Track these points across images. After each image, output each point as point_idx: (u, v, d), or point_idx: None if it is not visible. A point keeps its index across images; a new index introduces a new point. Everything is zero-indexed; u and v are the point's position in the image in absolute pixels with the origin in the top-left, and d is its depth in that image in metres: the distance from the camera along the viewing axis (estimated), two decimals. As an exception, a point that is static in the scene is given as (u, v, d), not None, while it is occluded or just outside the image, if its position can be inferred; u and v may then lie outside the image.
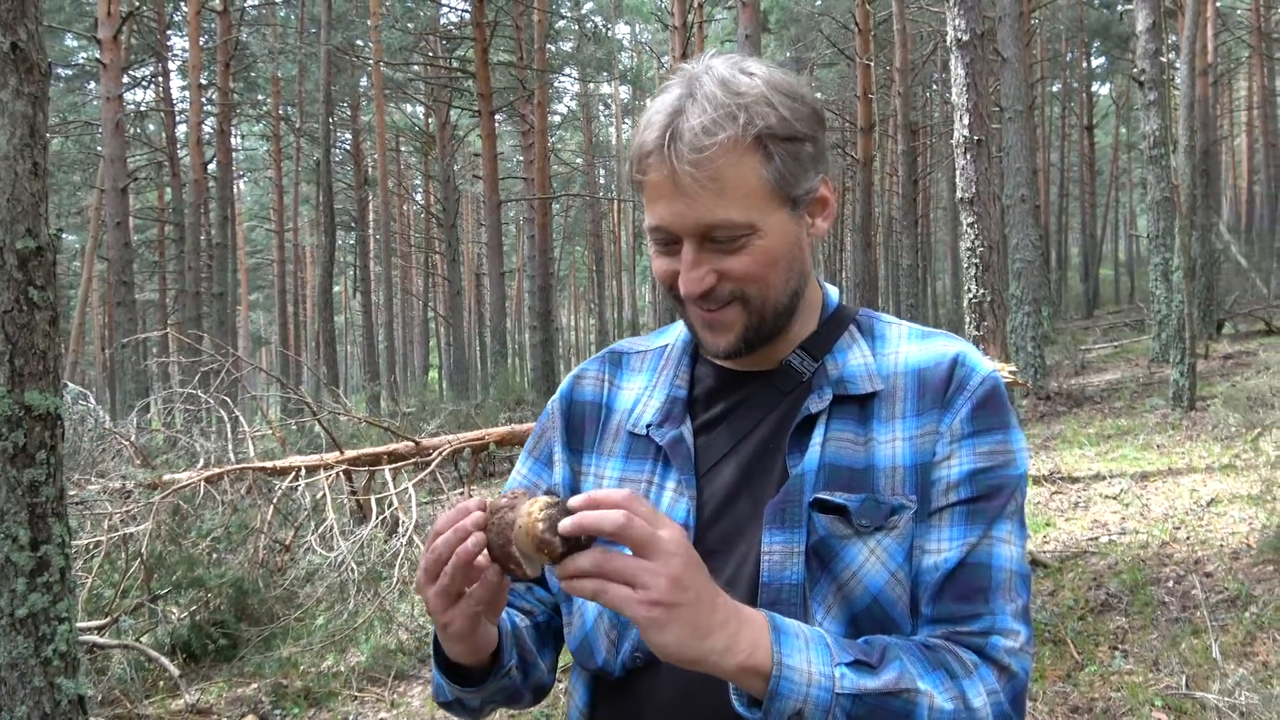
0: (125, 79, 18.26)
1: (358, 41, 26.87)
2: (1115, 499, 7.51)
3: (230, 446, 7.88)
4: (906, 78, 19.85)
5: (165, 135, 23.54)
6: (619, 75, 36.47)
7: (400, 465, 7.44)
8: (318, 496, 6.80)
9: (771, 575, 1.08)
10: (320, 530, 6.35)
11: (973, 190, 7.63)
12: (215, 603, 5.80)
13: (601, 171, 42.25)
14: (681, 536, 0.92)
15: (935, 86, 28.38)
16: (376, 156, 26.85)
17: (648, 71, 36.26)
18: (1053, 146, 35.73)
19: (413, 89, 27.12)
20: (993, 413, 1.11)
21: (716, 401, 1.20)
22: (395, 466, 7.31)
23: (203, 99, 19.56)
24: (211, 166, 19.69)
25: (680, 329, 1.27)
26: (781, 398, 1.17)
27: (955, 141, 7.76)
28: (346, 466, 7.20)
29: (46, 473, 2.68)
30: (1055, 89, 36.39)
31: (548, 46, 24.43)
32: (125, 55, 17.40)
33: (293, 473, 7.03)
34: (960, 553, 1.07)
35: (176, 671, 4.89)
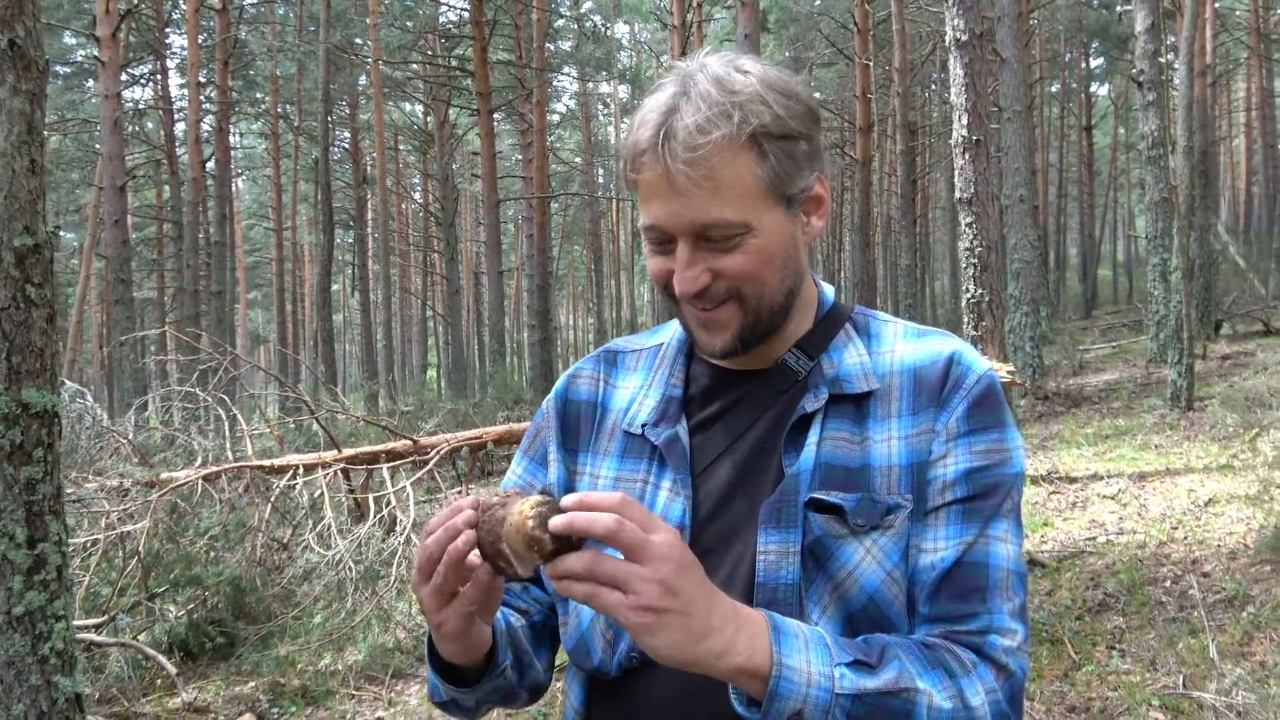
0: (124, 77, 18.26)
1: (356, 40, 26.86)
2: (1113, 499, 7.51)
3: (228, 445, 7.88)
4: (905, 78, 19.84)
5: (163, 133, 23.54)
6: (618, 74, 36.47)
7: (398, 464, 7.44)
8: (315, 495, 6.80)
9: (767, 575, 1.07)
10: (318, 529, 6.35)
11: (971, 190, 7.63)
12: (213, 601, 5.79)
13: (600, 171, 42.24)
14: (675, 540, 0.92)
15: (934, 86, 28.38)
16: (375, 155, 26.84)
17: (647, 71, 36.22)
18: (1051, 147, 35.73)
19: (411, 87, 27.11)
20: (989, 411, 1.11)
21: (712, 400, 1.19)
22: (393, 465, 7.31)
23: (201, 97, 19.54)
24: (210, 164, 19.67)
25: (675, 327, 1.26)
26: (777, 397, 1.16)
27: (954, 141, 7.76)
28: (344, 465, 7.20)
29: (43, 470, 2.67)
30: (1054, 89, 36.41)
31: (547, 45, 24.42)
32: (124, 53, 17.39)
33: (290, 471, 7.03)
34: (957, 552, 1.07)
35: (174, 670, 4.88)
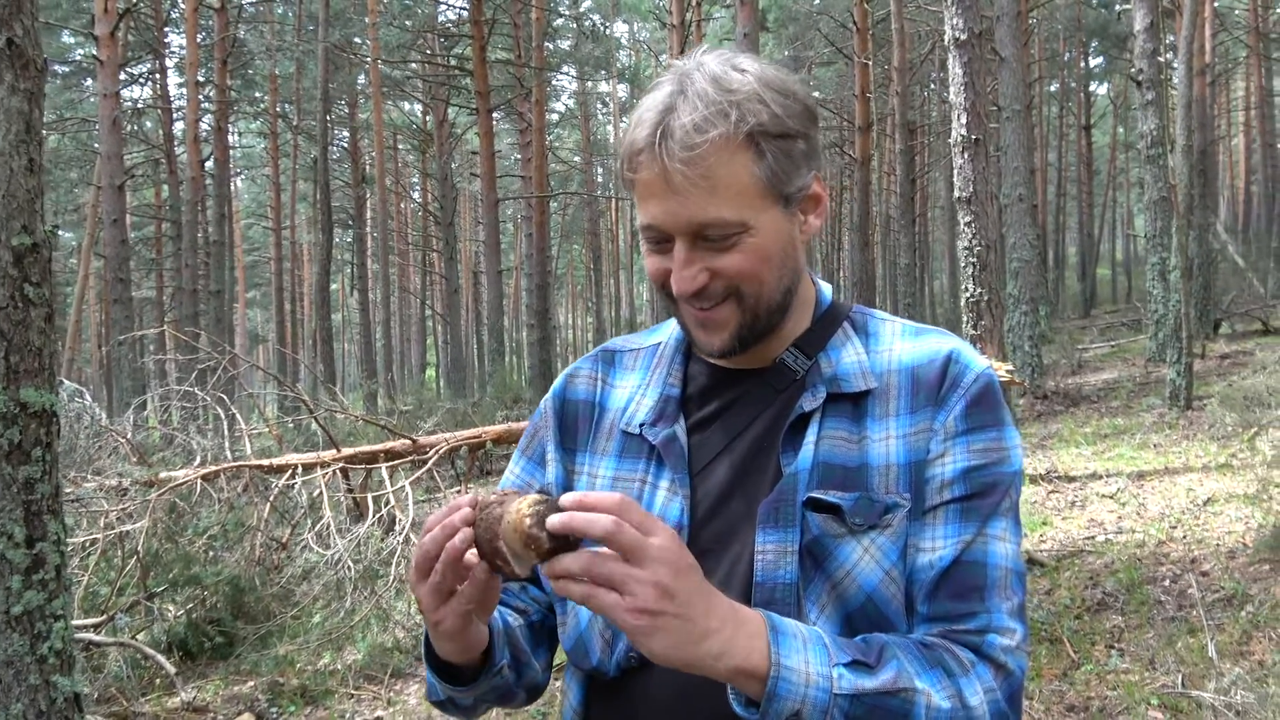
0: (122, 76, 18.25)
1: (355, 39, 26.86)
2: (1112, 498, 7.51)
3: (227, 444, 7.88)
4: (904, 77, 19.83)
5: (162, 132, 23.52)
6: (617, 73, 36.44)
7: (397, 463, 7.43)
8: (314, 494, 6.80)
9: (765, 575, 1.07)
10: (317, 528, 6.35)
11: (970, 189, 7.63)
12: (212, 600, 5.79)
13: (599, 170, 42.22)
14: (673, 543, 0.91)
15: (933, 85, 28.37)
16: (374, 154, 26.82)
17: (646, 70, 36.18)
18: (1050, 146, 35.71)
19: (410, 87, 27.10)
20: (987, 410, 1.11)
21: (710, 400, 1.19)
22: (392, 464, 7.31)
23: (200, 96, 19.53)
24: (209, 164, 19.65)
25: (673, 326, 1.26)
26: (775, 396, 1.16)
27: (953, 141, 7.75)
28: (343, 464, 7.20)
29: (42, 470, 2.67)
30: (1053, 88, 36.40)
31: (546, 44, 24.42)
32: (122, 52, 17.38)
33: (289, 470, 7.03)
34: (955, 550, 1.06)
35: (173, 669, 4.88)
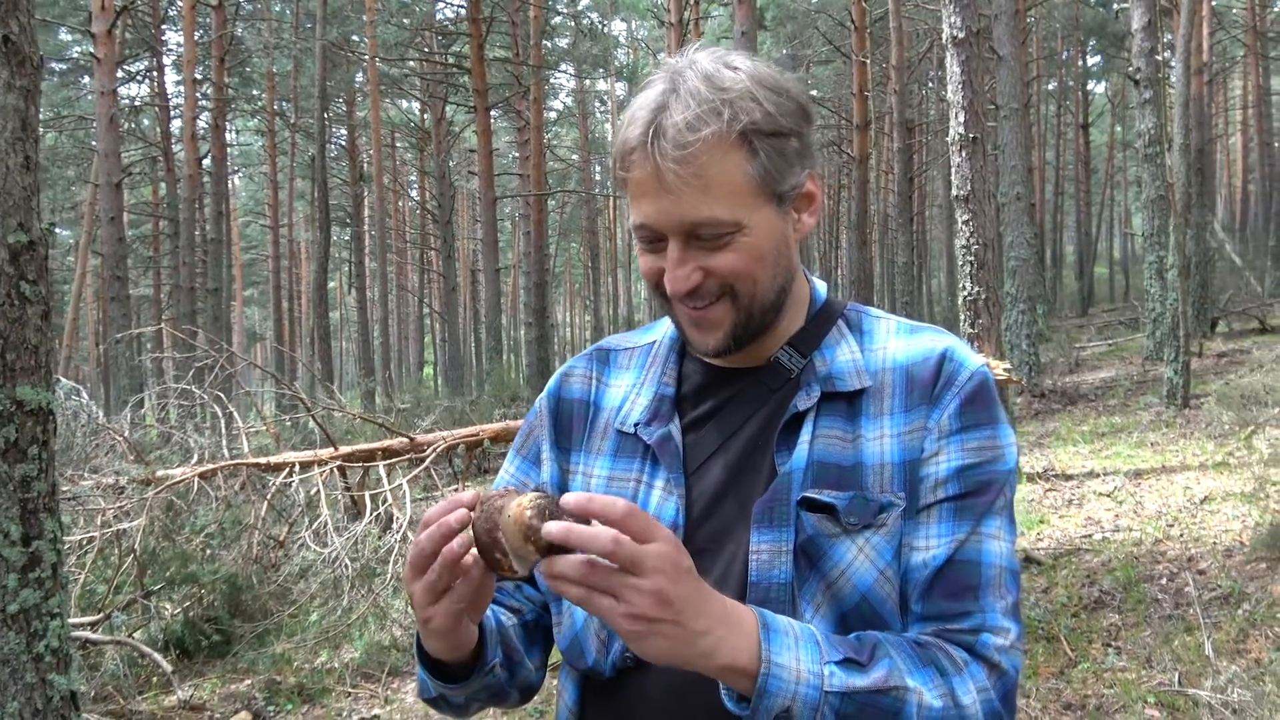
0: (120, 74, 18.21)
1: (353, 37, 26.82)
2: (1109, 496, 7.52)
3: (224, 442, 7.86)
4: (902, 75, 19.84)
5: (160, 130, 23.49)
6: (615, 72, 36.40)
7: (395, 461, 7.42)
8: (312, 492, 6.79)
9: (760, 575, 1.07)
10: (314, 526, 6.35)
11: (968, 188, 7.63)
12: (209, 599, 5.79)
13: (597, 168, 42.16)
14: (670, 550, 0.90)
15: (931, 84, 28.37)
16: (372, 152, 26.81)
17: (644, 68, 36.16)
18: (1048, 144, 35.72)
19: (408, 84, 27.07)
20: (981, 408, 1.10)
21: (704, 399, 1.19)
22: (390, 463, 7.30)
23: (197, 94, 19.51)
24: (206, 162, 19.62)
25: (667, 325, 1.25)
26: (770, 395, 1.16)
27: (951, 139, 7.75)
28: (341, 463, 7.19)
29: (38, 468, 2.67)
30: (1051, 87, 36.38)
31: (544, 42, 24.40)
32: (119, 50, 17.34)
33: (287, 469, 7.02)
34: (949, 549, 1.06)
35: (170, 668, 4.88)
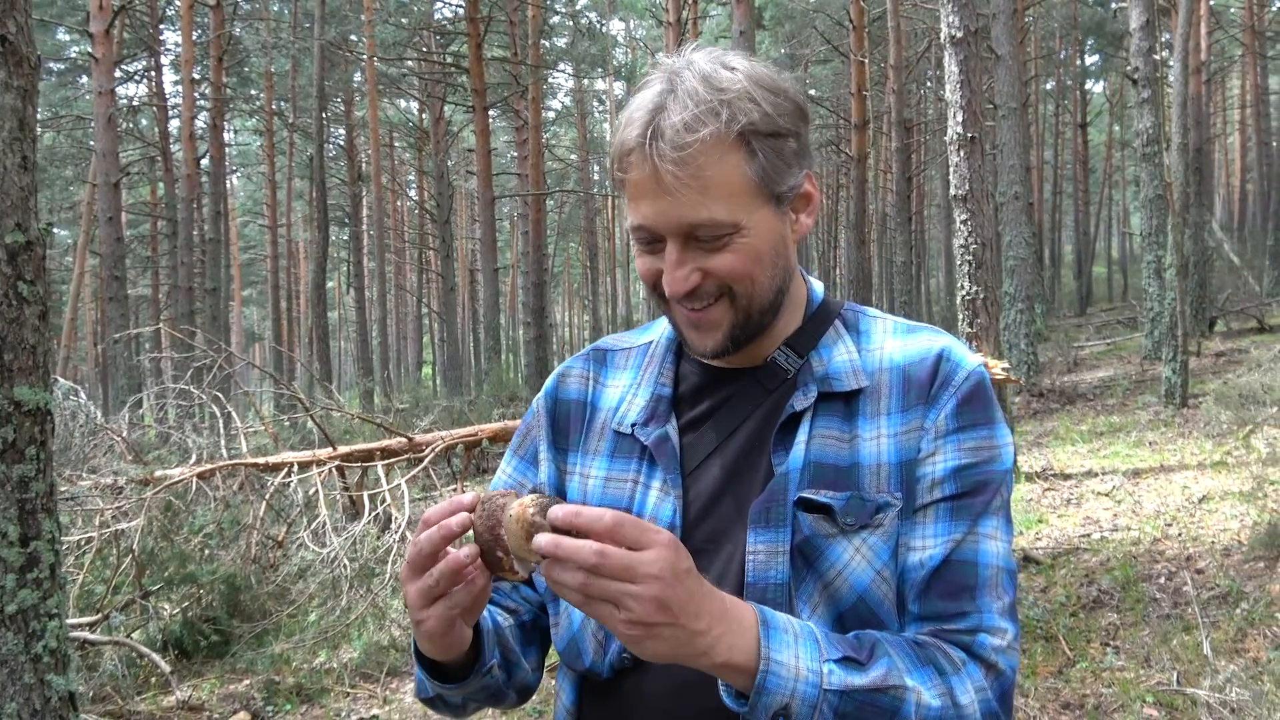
0: (117, 73, 18.18)
1: (351, 36, 26.79)
2: (1107, 496, 7.53)
3: (223, 442, 7.86)
4: (901, 74, 19.83)
5: (158, 130, 23.48)
6: (613, 71, 36.39)
7: (393, 461, 7.42)
8: (310, 493, 6.79)
9: (756, 575, 1.07)
10: (313, 526, 6.35)
11: (966, 187, 7.62)
12: (207, 599, 5.79)
13: (595, 168, 42.14)
14: (666, 555, 0.90)
15: (929, 83, 28.35)
16: (370, 152, 26.80)
17: (642, 68, 36.12)
18: (1046, 144, 35.73)
19: (406, 84, 27.06)
20: (978, 408, 1.10)
21: (701, 399, 1.19)
22: (388, 463, 7.30)
23: (196, 94, 19.49)
24: (204, 161, 19.62)
25: (664, 325, 1.25)
26: (766, 395, 1.16)
27: (949, 139, 7.75)
28: (339, 463, 7.19)
29: (36, 468, 2.66)
30: (1049, 86, 36.36)
31: (542, 42, 24.39)
32: (117, 49, 17.31)
33: (285, 469, 7.02)
34: (945, 549, 1.06)
35: (168, 668, 4.88)
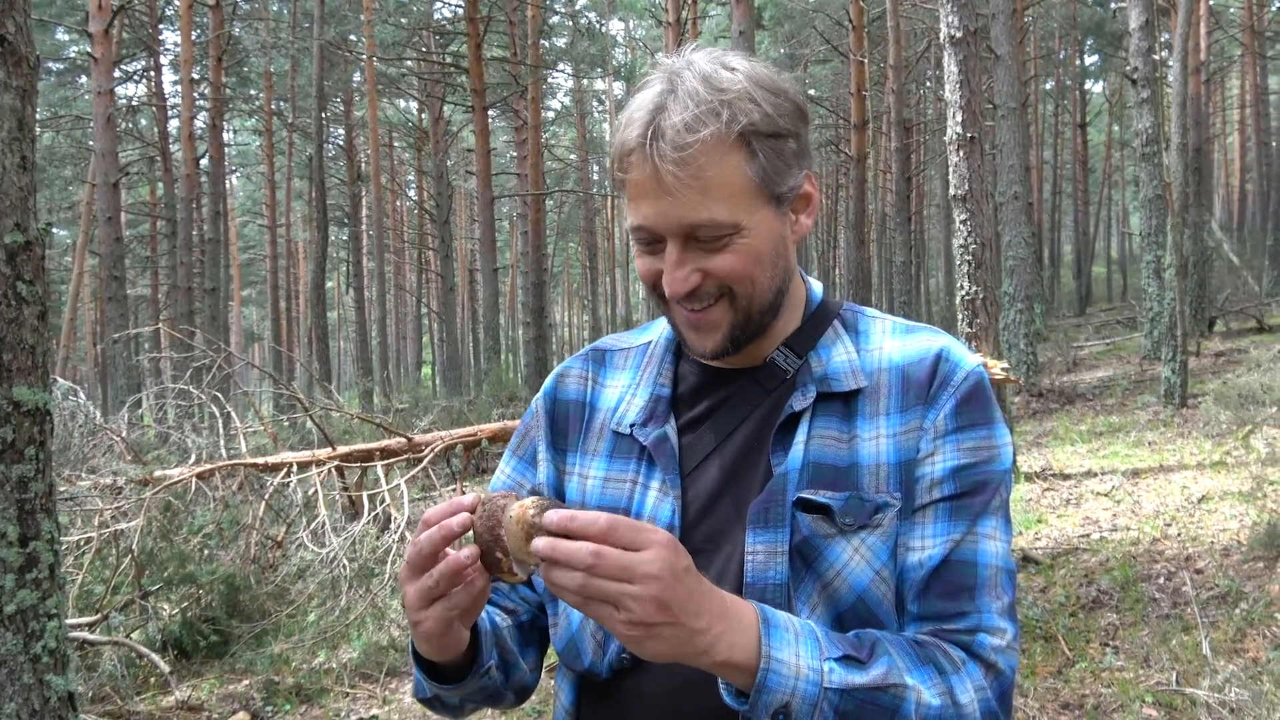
0: (117, 73, 18.18)
1: (350, 36, 26.79)
2: (1107, 496, 7.53)
3: (222, 442, 7.86)
4: (900, 74, 19.84)
5: (157, 130, 23.47)
6: (613, 71, 36.38)
7: (393, 461, 7.42)
8: (309, 493, 6.79)
9: (755, 575, 1.07)
10: (312, 526, 6.35)
11: (966, 187, 7.62)
12: (206, 599, 5.78)
13: (595, 167, 42.14)
14: (663, 554, 0.90)
15: (929, 83, 28.35)
16: (369, 152, 26.79)
17: (641, 68, 36.09)
18: (1046, 144, 35.73)
19: (406, 84, 27.06)
20: (977, 408, 1.10)
21: (700, 400, 1.19)
22: (388, 463, 7.30)
23: (195, 93, 19.48)
24: (204, 161, 19.60)
25: (663, 325, 1.25)
26: (765, 395, 1.15)
27: (948, 139, 7.75)
28: (339, 463, 7.19)
29: (35, 468, 2.66)
30: (1048, 86, 36.37)
31: (541, 42, 24.37)
32: (116, 49, 17.31)
33: (285, 469, 7.02)
34: (944, 549, 1.06)
35: (167, 668, 4.87)
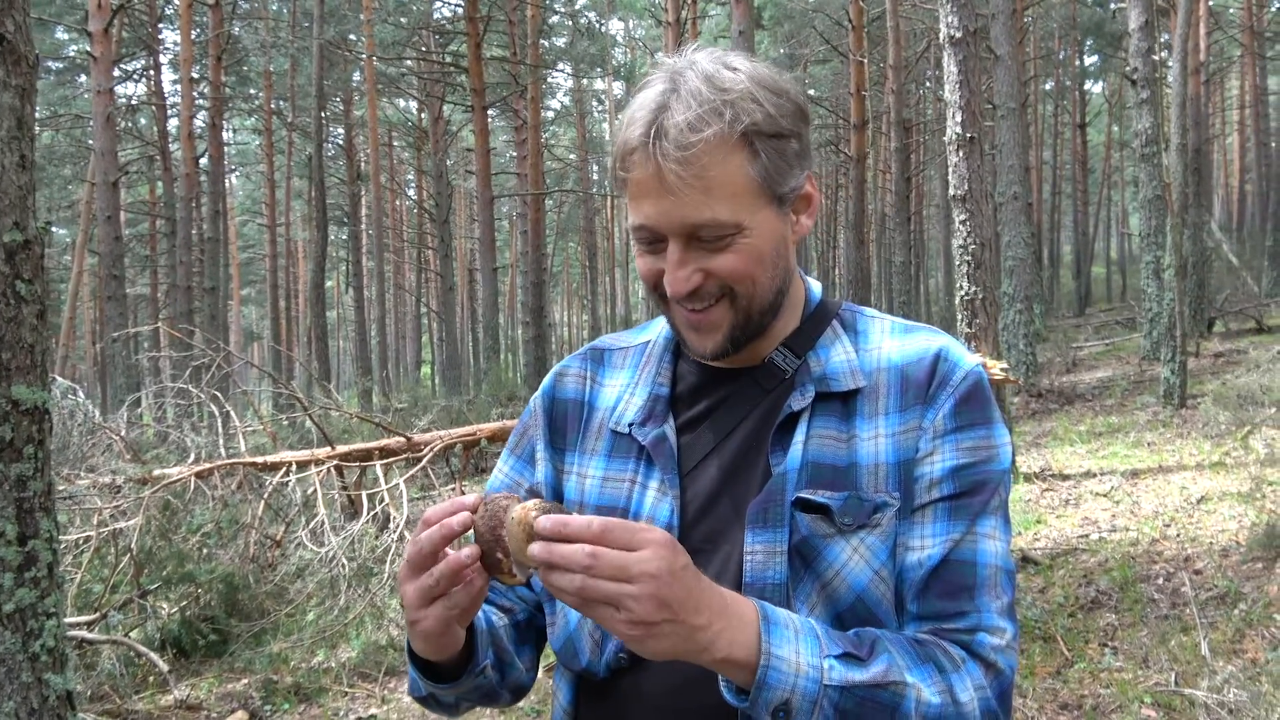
0: (116, 72, 18.16)
1: (350, 36, 26.79)
2: (1106, 496, 7.53)
3: (221, 442, 7.86)
4: (900, 75, 19.84)
5: (157, 129, 23.45)
6: (612, 71, 36.38)
7: (392, 461, 7.42)
8: (309, 492, 6.79)
9: (754, 575, 1.07)
10: (311, 526, 6.35)
11: (965, 188, 7.63)
12: (205, 598, 5.78)
13: (594, 167, 42.13)
14: (661, 554, 0.90)
15: (928, 84, 28.35)
16: (369, 151, 26.79)
17: (641, 67, 36.08)
18: (1045, 144, 35.73)
19: (405, 84, 27.06)
20: (976, 408, 1.10)
21: (699, 399, 1.18)
22: (387, 462, 7.30)
23: (194, 93, 19.47)
24: (203, 161, 19.59)
25: (662, 324, 1.25)
26: (764, 395, 1.15)
27: (948, 139, 7.75)
28: (338, 462, 7.19)
29: (34, 467, 2.66)
30: (1048, 87, 36.37)
31: (541, 42, 24.37)
32: (116, 48, 17.30)
33: (284, 468, 7.02)
34: (944, 549, 1.06)
35: (166, 667, 4.87)
